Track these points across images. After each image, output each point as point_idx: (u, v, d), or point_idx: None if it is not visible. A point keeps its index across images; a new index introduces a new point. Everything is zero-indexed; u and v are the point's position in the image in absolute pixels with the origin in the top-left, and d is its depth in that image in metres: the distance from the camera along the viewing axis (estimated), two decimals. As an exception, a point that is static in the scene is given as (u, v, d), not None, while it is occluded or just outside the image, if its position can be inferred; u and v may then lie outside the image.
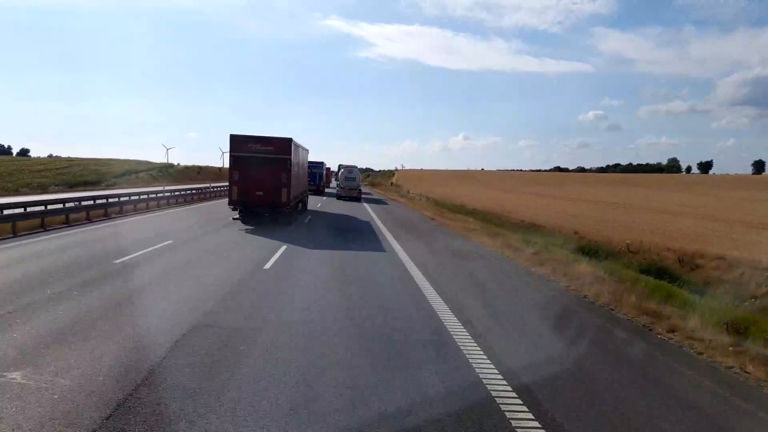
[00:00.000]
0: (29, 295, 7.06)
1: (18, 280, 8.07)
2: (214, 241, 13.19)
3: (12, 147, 74.76)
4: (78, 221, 16.37)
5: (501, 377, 4.71)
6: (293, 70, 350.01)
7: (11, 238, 12.58)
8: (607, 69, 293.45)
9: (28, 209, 14.83)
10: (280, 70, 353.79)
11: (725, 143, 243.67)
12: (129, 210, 19.24)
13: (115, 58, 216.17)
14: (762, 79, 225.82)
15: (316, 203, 30.30)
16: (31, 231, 13.80)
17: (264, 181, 17.64)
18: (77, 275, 8.75)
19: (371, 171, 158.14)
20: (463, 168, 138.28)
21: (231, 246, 12.56)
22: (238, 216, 17.52)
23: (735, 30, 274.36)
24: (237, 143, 17.74)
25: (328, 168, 54.45)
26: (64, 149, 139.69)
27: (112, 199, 19.52)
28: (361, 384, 4.33)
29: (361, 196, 37.80)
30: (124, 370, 4.45)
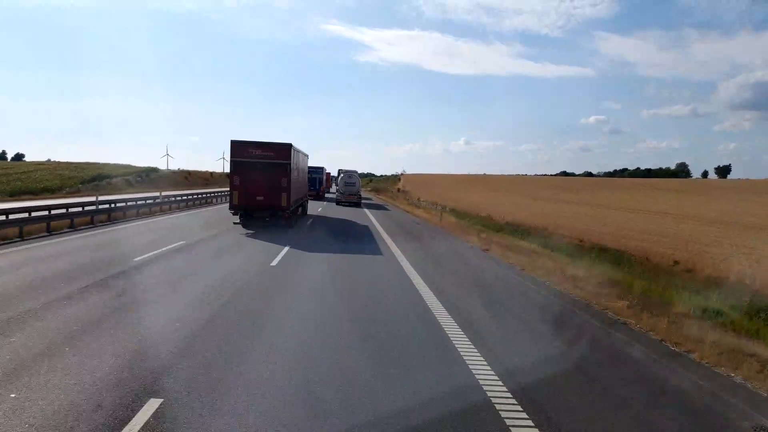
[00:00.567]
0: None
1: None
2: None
3: (8, 149, 76.37)
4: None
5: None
6: (294, 74, 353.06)
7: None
8: (609, 73, 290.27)
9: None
10: (280, 74, 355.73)
11: (727, 147, 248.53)
12: (62, 227, 17.13)
13: (116, 59, 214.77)
14: (764, 83, 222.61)
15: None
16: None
17: (264, 186, 18.53)
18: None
19: (373, 176, 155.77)
20: (465, 172, 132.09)
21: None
22: (239, 221, 18.46)
23: (737, 33, 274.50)
24: (238, 148, 18.63)
25: (328, 173, 55.67)
26: (65, 151, 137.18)
27: (39, 213, 17.58)
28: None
29: (361, 201, 39.40)
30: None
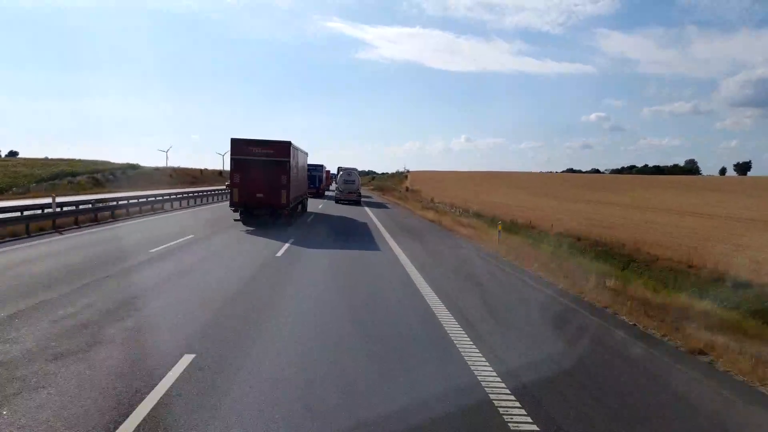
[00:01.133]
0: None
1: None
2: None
3: (8, 148, 68.96)
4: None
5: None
6: (295, 72, 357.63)
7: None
8: (610, 70, 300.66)
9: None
10: (281, 72, 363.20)
11: (728, 144, 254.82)
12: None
13: (116, 59, 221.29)
14: (765, 80, 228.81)
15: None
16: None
17: (264, 184, 19.21)
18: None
19: (374, 174, 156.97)
20: (467, 169, 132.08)
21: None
22: (239, 218, 19.31)
23: (738, 30, 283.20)
24: (238, 146, 19.34)
25: (327, 171, 57.48)
26: (65, 151, 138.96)
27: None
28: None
29: (361, 199, 40.56)
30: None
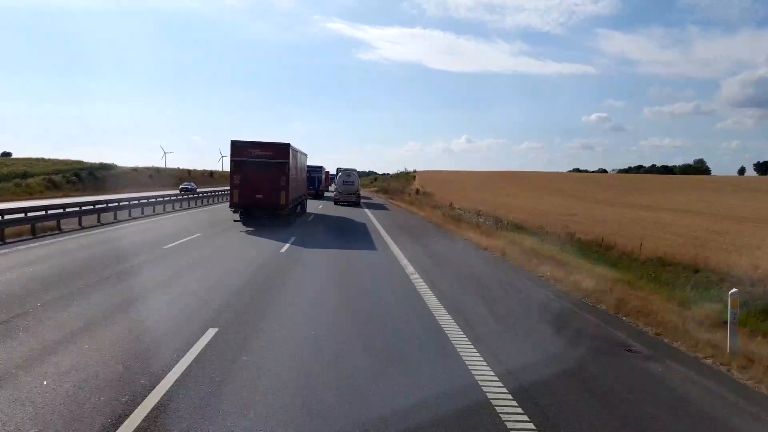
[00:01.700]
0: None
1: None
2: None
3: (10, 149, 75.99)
4: None
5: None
6: (295, 72, 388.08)
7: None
8: (611, 70, 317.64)
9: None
10: (281, 72, 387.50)
11: (729, 144, 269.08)
12: None
13: (117, 60, 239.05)
14: (767, 80, 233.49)
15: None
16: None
17: (263, 185, 19.71)
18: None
19: (375, 174, 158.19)
20: (471, 168, 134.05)
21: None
22: (239, 218, 20.22)
23: (739, 30, 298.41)
24: (238, 148, 19.94)
25: (326, 172, 58.22)
26: (68, 153, 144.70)
27: None
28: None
29: (360, 201, 40.99)
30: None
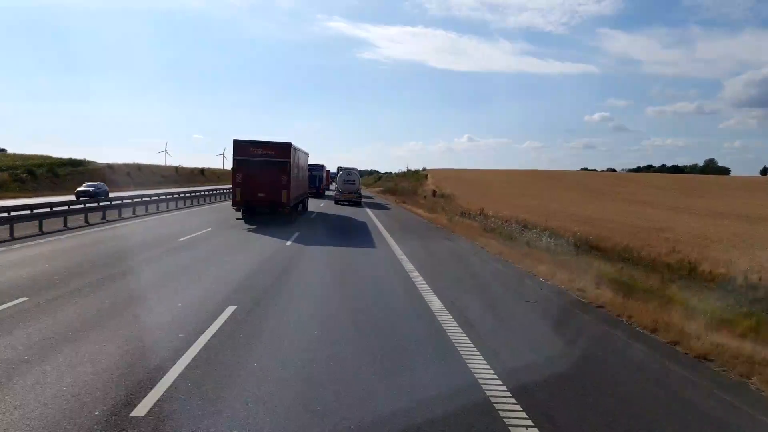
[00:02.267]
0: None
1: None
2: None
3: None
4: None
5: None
6: (297, 71, 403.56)
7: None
8: (613, 70, 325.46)
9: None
10: (283, 71, 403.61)
11: (732, 144, 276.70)
12: None
13: (118, 59, 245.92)
14: None
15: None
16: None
17: (265, 183, 20.37)
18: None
19: (377, 173, 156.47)
20: (476, 167, 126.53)
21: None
22: (241, 216, 21.46)
23: (742, 30, 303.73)
24: (240, 148, 20.49)
25: (327, 171, 58.98)
26: (70, 151, 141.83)
27: None
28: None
29: (361, 200, 41.12)
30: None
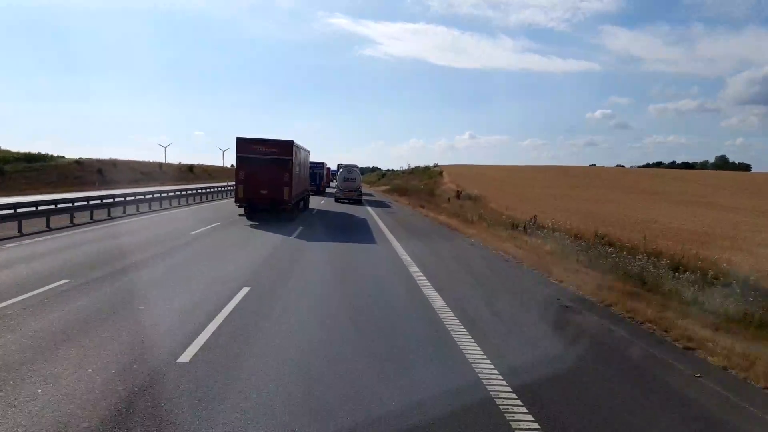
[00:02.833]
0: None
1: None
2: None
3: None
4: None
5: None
6: (298, 69, 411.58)
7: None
8: (615, 67, 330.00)
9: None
10: (284, 69, 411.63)
11: (733, 142, 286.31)
12: None
13: (119, 58, 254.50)
14: None
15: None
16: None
17: (267, 181, 20.84)
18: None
19: (379, 170, 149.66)
20: (487, 163, 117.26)
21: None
22: (243, 213, 22.22)
23: (744, 28, 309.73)
24: (243, 145, 21.05)
25: (328, 168, 58.80)
26: (75, 150, 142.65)
27: None
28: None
29: (362, 198, 40.68)
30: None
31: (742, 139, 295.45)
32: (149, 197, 27.32)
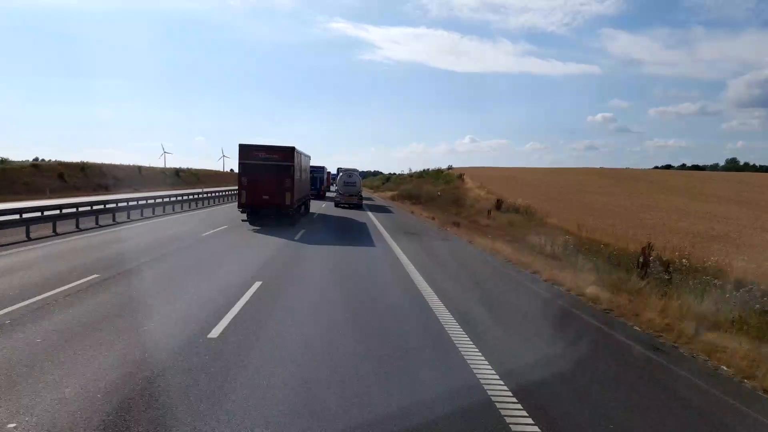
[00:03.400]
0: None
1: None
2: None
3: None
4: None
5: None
6: (298, 73, 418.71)
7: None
8: (615, 70, 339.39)
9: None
10: (284, 73, 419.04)
11: (734, 145, 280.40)
12: None
13: (120, 62, 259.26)
14: None
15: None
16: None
17: (270, 186, 21.39)
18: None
19: (380, 174, 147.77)
20: (500, 165, 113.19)
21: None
22: (246, 218, 23.03)
23: (744, 31, 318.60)
24: (245, 151, 21.66)
25: (328, 172, 59.69)
26: (74, 155, 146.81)
27: None
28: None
29: (363, 203, 40.16)
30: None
31: (742, 142, 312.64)
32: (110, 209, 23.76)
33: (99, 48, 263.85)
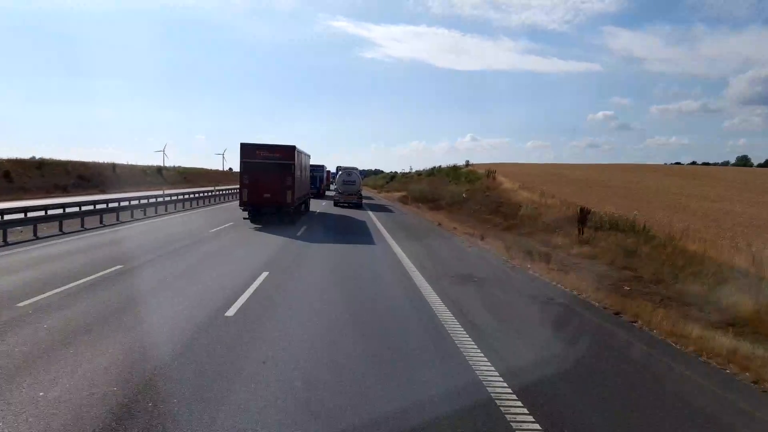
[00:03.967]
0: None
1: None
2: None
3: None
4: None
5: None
6: (298, 72, 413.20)
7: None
8: (617, 68, 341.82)
9: None
10: (284, 73, 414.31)
11: (736, 143, 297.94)
12: None
13: (120, 62, 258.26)
14: None
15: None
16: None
17: (271, 185, 21.99)
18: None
19: (381, 172, 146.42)
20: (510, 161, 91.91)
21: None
22: (247, 216, 24.07)
23: (746, 28, 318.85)
24: (247, 150, 22.38)
25: (328, 171, 61.14)
26: (75, 153, 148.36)
27: None
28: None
29: (362, 201, 40.42)
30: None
31: (744, 140, 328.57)
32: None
33: (99, 48, 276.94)
